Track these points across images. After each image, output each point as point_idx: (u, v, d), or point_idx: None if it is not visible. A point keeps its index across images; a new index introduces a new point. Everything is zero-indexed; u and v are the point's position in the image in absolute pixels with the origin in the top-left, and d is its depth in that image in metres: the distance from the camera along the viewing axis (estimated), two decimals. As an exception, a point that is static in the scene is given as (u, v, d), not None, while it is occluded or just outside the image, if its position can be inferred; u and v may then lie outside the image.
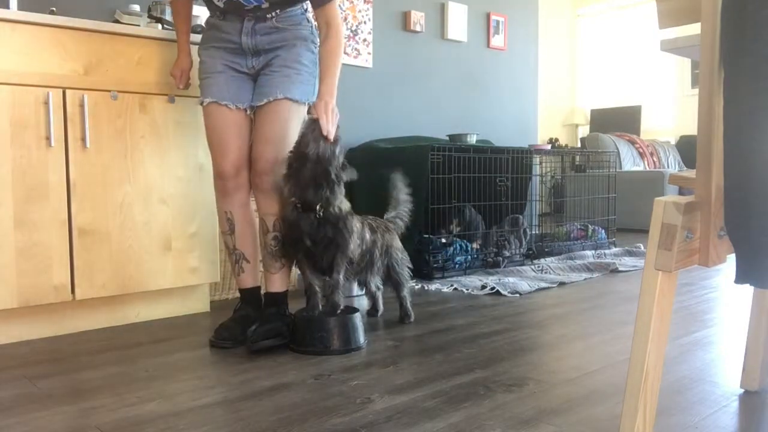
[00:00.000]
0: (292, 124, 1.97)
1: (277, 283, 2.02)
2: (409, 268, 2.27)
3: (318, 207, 1.86)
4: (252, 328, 1.96)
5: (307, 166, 1.84)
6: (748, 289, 2.65)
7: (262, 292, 2.07)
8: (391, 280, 2.23)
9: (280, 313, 1.98)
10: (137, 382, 1.62)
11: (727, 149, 0.99)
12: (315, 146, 1.83)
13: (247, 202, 2.05)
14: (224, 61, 2.00)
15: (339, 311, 1.93)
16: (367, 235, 2.07)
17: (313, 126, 1.85)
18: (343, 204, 1.94)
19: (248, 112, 2.01)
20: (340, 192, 1.92)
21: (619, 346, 1.92)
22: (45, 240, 2.01)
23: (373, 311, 2.34)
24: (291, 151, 1.89)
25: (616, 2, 7.04)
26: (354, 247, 1.97)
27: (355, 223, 1.99)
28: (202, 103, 2.02)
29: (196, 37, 2.15)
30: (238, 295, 2.14)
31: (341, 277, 1.95)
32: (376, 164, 3.15)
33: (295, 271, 2.86)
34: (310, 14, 2.04)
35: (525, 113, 4.94)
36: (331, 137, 1.84)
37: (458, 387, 1.56)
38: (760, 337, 1.48)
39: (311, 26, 2.04)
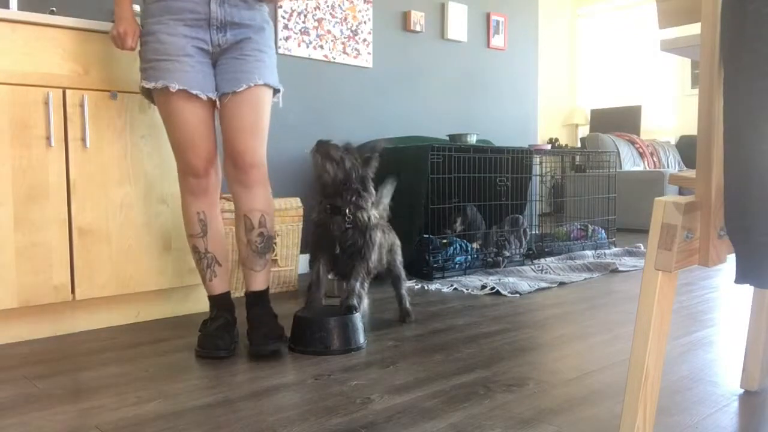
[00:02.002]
0: (268, 111, 1.93)
1: (260, 281, 1.96)
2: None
3: (347, 211, 1.91)
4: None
5: (335, 174, 1.91)
6: (748, 289, 2.65)
7: (242, 291, 2.03)
8: (392, 275, 2.25)
9: (269, 312, 1.93)
10: (137, 382, 1.62)
11: (727, 149, 0.99)
12: (344, 160, 1.92)
13: (218, 200, 1.99)
14: (190, 41, 1.81)
15: (355, 313, 1.95)
16: (383, 241, 2.11)
17: (347, 147, 1.94)
18: (371, 213, 1.98)
19: (217, 101, 1.87)
20: (368, 200, 1.96)
21: (619, 346, 1.91)
22: (45, 240, 2.01)
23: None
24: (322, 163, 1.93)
25: (616, 2, 7.04)
26: (375, 258, 2.02)
27: (377, 234, 2.03)
28: (155, 89, 1.81)
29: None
30: (238, 294, 2.13)
31: (358, 284, 1.97)
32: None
33: (296, 271, 2.86)
34: None
35: (525, 113, 4.94)
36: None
37: (458, 387, 1.56)
38: (760, 337, 1.48)
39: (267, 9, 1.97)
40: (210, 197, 1.94)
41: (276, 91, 1.96)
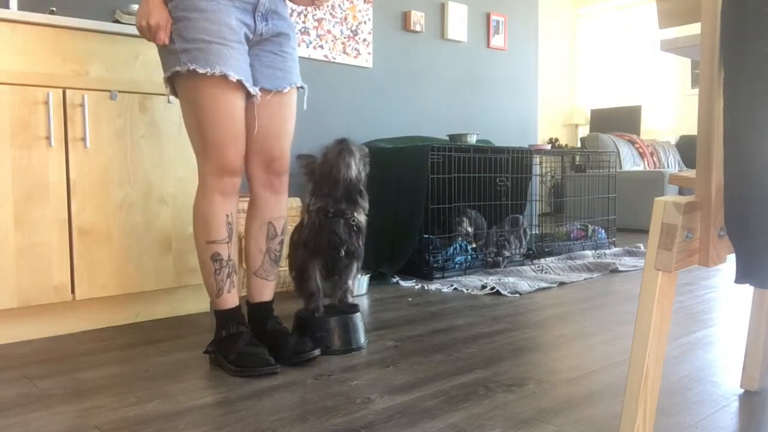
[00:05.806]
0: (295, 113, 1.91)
1: (270, 291, 1.90)
2: None
3: (352, 213, 1.91)
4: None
5: (352, 176, 1.88)
6: (748, 289, 2.65)
7: (250, 302, 1.91)
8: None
9: (280, 323, 1.88)
10: (137, 382, 1.62)
11: (726, 149, 0.99)
12: (346, 167, 1.88)
13: None
14: (241, 26, 1.66)
15: (352, 311, 1.95)
16: None
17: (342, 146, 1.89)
18: (364, 215, 1.99)
19: (257, 96, 1.73)
20: (366, 202, 1.96)
21: (619, 346, 1.91)
22: (45, 240, 2.01)
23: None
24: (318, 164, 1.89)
25: (616, 2, 7.04)
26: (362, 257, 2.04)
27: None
28: (205, 75, 1.60)
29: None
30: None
31: (351, 281, 1.97)
32: (376, 164, 3.14)
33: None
34: None
35: (525, 113, 4.94)
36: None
37: (458, 387, 1.56)
38: (760, 337, 1.48)
39: None
40: (237, 197, 1.78)
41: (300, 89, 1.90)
